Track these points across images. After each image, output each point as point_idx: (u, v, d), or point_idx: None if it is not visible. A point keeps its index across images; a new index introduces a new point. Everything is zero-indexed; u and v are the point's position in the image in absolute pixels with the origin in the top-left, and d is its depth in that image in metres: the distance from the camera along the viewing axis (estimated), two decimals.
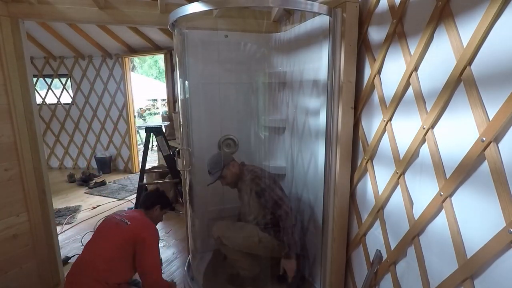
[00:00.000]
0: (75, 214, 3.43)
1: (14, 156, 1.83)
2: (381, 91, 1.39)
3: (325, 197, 1.64)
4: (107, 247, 1.72)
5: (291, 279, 1.78)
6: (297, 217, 2.03)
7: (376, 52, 1.42)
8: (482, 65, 0.94)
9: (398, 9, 1.26)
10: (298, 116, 2.10)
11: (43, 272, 2.04)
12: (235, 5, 1.80)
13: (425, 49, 1.15)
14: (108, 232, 1.79)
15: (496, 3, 0.88)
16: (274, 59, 2.26)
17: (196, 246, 2.26)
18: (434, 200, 1.12)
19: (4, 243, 1.85)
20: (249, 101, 2.34)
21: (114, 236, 1.75)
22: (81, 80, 5.09)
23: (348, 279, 1.72)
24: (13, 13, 1.75)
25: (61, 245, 2.61)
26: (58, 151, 5.43)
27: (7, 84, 1.76)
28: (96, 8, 1.88)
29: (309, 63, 1.93)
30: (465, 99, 1.00)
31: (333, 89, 1.51)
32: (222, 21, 2.08)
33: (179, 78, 2.03)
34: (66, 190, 4.30)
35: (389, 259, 1.38)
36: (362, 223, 1.57)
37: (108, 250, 1.70)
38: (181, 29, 1.86)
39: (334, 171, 1.58)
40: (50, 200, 2.04)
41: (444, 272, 1.10)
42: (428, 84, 1.15)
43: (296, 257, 1.79)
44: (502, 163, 0.89)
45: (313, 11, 1.44)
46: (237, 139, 2.31)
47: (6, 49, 1.74)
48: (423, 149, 1.18)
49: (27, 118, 1.86)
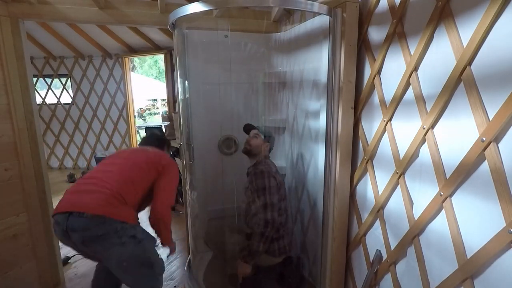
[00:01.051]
0: None
1: (14, 156, 1.83)
2: (381, 91, 1.39)
3: (325, 197, 1.64)
4: (127, 165, 1.59)
5: (240, 279, 1.75)
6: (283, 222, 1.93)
7: (376, 52, 1.42)
8: (482, 65, 0.94)
9: (398, 9, 1.26)
10: (298, 116, 2.10)
11: (43, 272, 2.04)
12: (235, 5, 1.80)
13: (425, 49, 1.15)
14: (131, 154, 1.71)
15: (496, 3, 0.88)
16: (274, 59, 2.26)
17: (196, 246, 2.26)
18: (434, 200, 1.12)
19: (4, 243, 1.85)
20: (249, 101, 2.34)
21: (138, 158, 1.65)
22: (81, 80, 5.09)
23: (348, 279, 1.72)
24: (13, 13, 1.75)
25: (61, 245, 2.61)
26: (58, 151, 5.43)
27: (7, 84, 1.77)
28: (96, 8, 1.88)
29: (309, 63, 1.93)
30: (465, 99, 1.00)
31: (333, 89, 1.51)
32: (222, 21, 2.08)
33: (179, 78, 2.03)
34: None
35: (389, 259, 1.38)
36: (362, 223, 1.57)
37: (128, 170, 1.57)
38: (181, 29, 1.86)
39: (334, 171, 1.58)
40: (50, 200, 2.04)
41: (444, 272, 1.10)
42: (428, 84, 1.15)
43: (296, 259, 1.78)
44: (502, 163, 0.89)
45: (313, 11, 1.44)
46: (237, 139, 2.31)
47: (6, 49, 1.74)
48: (423, 149, 1.18)
49: (27, 118, 1.86)
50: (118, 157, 1.73)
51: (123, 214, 1.43)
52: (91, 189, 1.44)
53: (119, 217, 1.40)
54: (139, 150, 1.79)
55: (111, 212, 1.38)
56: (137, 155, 1.69)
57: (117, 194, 1.44)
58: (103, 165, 1.63)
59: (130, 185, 1.51)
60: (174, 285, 2.22)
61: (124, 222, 1.41)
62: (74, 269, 2.36)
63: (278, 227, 1.78)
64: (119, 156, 1.75)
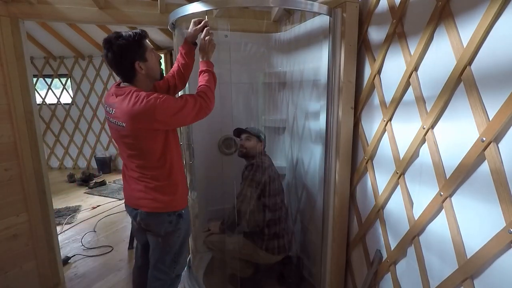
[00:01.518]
0: (75, 214, 3.43)
1: (14, 156, 1.83)
2: (381, 91, 1.39)
3: (325, 197, 1.64)
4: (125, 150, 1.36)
5: (212, 227, 2.00)
6: (289, 217, 2.04)
7: (376, 52, 1.42)
8: (482, 65, 0.94)
9: (398, 9, 1.26)
10: (298, 116, 2.10)
11: (43, 272, 2.04)
12: (235, 5, 1.80)
13: (425, 49, 1.15)
14: (117, 140, 1.38)
15: (496, 3, 0.88)
16: (274, 59, 2.26)
17: (196, 246, 2.26)
18: (434, 200, 1.12)
19: (4, 243, 1.85)
20: (249, 101, 2.34)
21: (122, 144, 1.36)
22: (81, 80, 5.09)
23: (348, 279, 1.72)
24: (13, 13, 1.75)
25: (61, 245, 2.62)
26: (58, 151, 5.43)
27: (7, 84, 1.76)
28: (96, 8, 1.88)
29: (309, 63, 1.93)
30: (465, 99, 1.00)
31: (333, 89, 1.51)
32: (222, 21, 2.08)
33: None
34: (66, 190, 4.30)
35: (389, 259, 1.38)
36: (362, 223, 1.57)
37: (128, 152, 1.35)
38: (181, 29, 1.85)
39: (334, 171, 1.58)
40: (50, 200, 2.04)
41: (444, 272, 1.10)
42: (428, 84, 1.15)
43: (296, 259, 1.79)
44: (502, 163, 0.89)
45: (313, 11, 1.44)
46: (237, 139, 2.31)
47: (6, 49, 1.74)
48: (423, 149, 1.18)
49: (27, 118, 1.86)
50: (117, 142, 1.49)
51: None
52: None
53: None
54: (115, 133, 1.41)
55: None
56: (121, 141, 1.40)
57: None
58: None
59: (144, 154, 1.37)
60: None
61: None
62: (74, 269, 2.36)
63: (275, 222, 1.83)
64: (116, 141, 1.49)
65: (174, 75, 1.56)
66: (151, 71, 1.33)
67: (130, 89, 1.24)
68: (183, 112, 1.25)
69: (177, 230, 1.41)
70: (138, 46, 1.26)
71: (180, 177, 1.41)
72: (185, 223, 1.44)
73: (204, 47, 1.43)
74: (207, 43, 1.42)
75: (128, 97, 1.21)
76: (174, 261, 1.45)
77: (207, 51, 1.43)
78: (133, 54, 1.24)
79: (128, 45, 1.23)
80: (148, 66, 1.30)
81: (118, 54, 1.23)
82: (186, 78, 1.59)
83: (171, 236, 1.40)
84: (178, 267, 1.48)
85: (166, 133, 1.31)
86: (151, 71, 1.32)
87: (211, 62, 1.45)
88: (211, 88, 1.37)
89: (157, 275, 1.47)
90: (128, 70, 1.27)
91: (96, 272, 2.32)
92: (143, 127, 1.24)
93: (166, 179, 1.35)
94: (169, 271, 1.46)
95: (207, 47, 1.43)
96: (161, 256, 1.44)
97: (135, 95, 1.20)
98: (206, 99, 1.31)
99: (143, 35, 1.28)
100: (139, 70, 1.27)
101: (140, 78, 1.30)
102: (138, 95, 1.20)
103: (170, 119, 1.25)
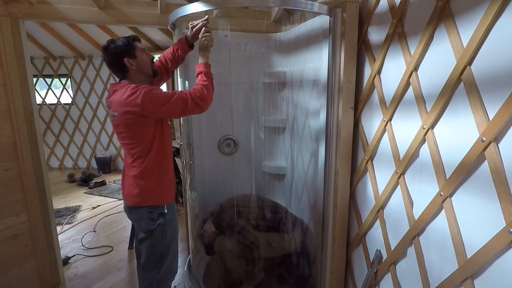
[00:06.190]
0: (75, 214, 3.43)
1: (14, 156, 1.83)
2: (381, 91, 1.39)
3: (325, 197, 1.64)
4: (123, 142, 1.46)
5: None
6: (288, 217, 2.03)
7: (376, 52, 1.42)
8: (482, 65, 0.94)
9: (398, 9, 1.26)
10: (298, 116, 2.10)
11: (43, 272, 2.04)
12: (235, 5, 1.80)
13: (425, 49, 1.15)
14: (116, 132, 1.48)
15: (496, 3, 0.88)
16: (274, 59, 2.26)
17: (196, 246, 2.26)
18: (434, 200, 1.12)
19: (4, 243, 1.85)
20: (249, 101, 2.34)
21: (118, 136, 1.46)
22: (81, 80, 5.09)
23: (348, 279, 1.72)
24: (13, 13, 1.75)
25: (61, 245, 2.62)
26: (58, 151, 5.43)
27: (7, 84, 1.77)
28: (96, 8, 1.88)
29: (309, 63, 1.93)
30: (465, 99, 1.00)
31: (333, 89, 1.51)
32: (222, 21, 2.08)
33: (179, 78, 2.02)
34: (66, 190, 4.30)
35: (389, 259, 1.38)
36: (362, 223, 1.57)
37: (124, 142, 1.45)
38: (181, 29, 1.85)
39: (334, 171, 1.58)
40: (50, 200, 2.04)
41: (444, 272, 1.10)
42: (428, 84, 1.15)
43: (296, 259, 1.79)
44: (502, 163, 0.89)
45: (313, 11, 1.44)
46: (237, 139, 2.31)
47: (6, 49, 1.74)
48: (423, 149, 1.18)
49: (27, 118, 1.86)
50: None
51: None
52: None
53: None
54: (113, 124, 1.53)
55: None
56: (118, 130, 1.50)
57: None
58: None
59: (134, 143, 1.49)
60: (174, 285, 2.22)
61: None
62: (74, 269, 2.36)
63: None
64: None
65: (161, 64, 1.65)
66: (142, 67, 1.45)
67: (125, 83, 1.38)
68: (169, 104, 1.34)
69: (160, 230, 1.44)
70: (129, 46, 1.41)
71: (164, 171, 1.48)
72: (170, 224, 1.48)
73: (202, 47, 1.48)
74: (204, 43, 1.47)
75: (123, 89, 1.35)
76: (158, 262, 1.47)
77: (204, 51, 1.48)
78: (124, 53, 1.39)
79: (121, 46, 1.39)
80: (139, 62, 1.43)
81: (112, 54, 1.40)
82: (169, 70, 1.68)
83: (154, 235, 1.43)
84: (163, 269, 1.49)
85: (157, 126, 1.41)
86: (142, 67, 1.45)
87: (208, 63, 1.49)
88: (207, 87, 1.42)
89: (143, 275, 1.50)
90: (120, 66, 1.41)
91: (96, 272, 2.32)
92: (131, 111, 1.32)
93: (149, 166, 1.42)
94: (153, 273, 1.47)
95: (205, 47, 1.47)
96: (147, 256, 1.47)
97: (128, 87, 1.34)
98: (196, 97, 1.37)
99: (133, 38, 1.44)
100: (130, 66, 1.41)
101: (133, 73, 1.44)
102: (129, 86, 1.34)
103: (158, 109, 1.33)
